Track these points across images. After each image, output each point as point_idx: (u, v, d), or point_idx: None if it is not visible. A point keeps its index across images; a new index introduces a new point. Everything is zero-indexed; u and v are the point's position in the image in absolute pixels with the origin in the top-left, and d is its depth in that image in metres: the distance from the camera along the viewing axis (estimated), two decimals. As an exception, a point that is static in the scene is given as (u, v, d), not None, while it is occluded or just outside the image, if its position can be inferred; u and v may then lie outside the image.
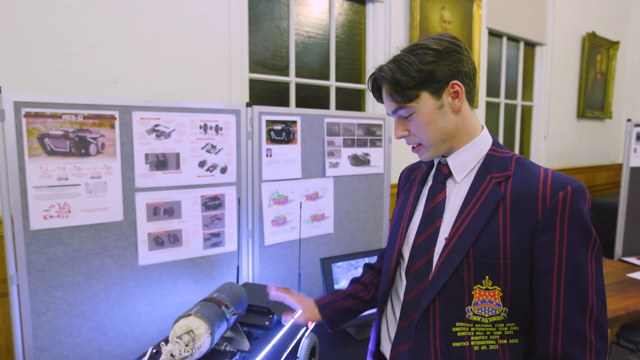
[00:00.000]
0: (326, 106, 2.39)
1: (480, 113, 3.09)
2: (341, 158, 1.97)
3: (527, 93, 3.67)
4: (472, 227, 0.77)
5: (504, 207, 0.76)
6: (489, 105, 3.27)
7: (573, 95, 3.93)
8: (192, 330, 0.92)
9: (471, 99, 0.85)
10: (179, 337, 0.90)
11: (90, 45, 1.55)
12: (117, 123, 1.36)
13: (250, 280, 1.73)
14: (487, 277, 0.75)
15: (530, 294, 0.75)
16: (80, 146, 1.31)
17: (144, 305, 1.47)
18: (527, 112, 3.70)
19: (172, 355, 0.90)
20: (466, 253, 0.76)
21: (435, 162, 0.91)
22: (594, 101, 4.14)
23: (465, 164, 0.83)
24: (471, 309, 0.76)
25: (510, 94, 3.52)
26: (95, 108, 1.32)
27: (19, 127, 1.21)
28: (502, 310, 0.75)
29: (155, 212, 1.46)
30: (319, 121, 1.87)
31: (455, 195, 0.83)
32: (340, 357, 1.46)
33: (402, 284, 0.87)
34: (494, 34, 3.23)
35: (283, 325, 1.23)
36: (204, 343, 0.93)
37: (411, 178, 0.99)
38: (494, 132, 3.33)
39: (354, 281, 1.11)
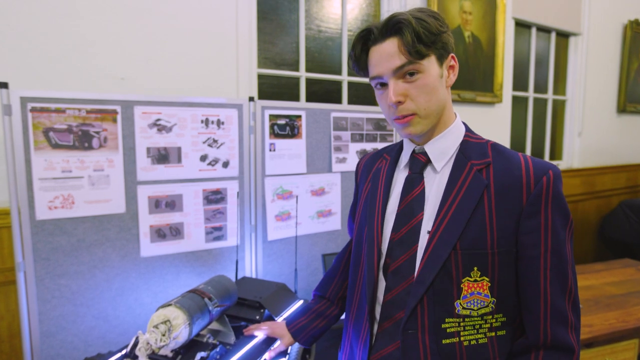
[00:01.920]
0: (338, 101, 2.35)
1: (505, 108, 2.94)
2: (349, 153, 1.93)
3: (560, 86, 3.46)
4: (457, 218, 0.73)
5: (488, 195, 0.74)
6: (515, 99, 3.11)
7: (612, 89, 3.66)
8: (169, 320, 0.92)
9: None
10: (156, 327, 0.91)
11: (100, 42, 1.61)
12: (119, 117, 1.40)
13: (254, 275, 1.73)
14: (475, 269, 0.73)
15: (515, 281, 0.75)
16: (83, 140, 1.35)
17: (146, 296, 1.51)
18: (559, 107, 3.49)
19: (148, 343, 0.90)
20: (454, 246, 0.73)
21: (407, 152, 0.85)
22: (638, 94, 3.84)
23: (444, 151, 0.80)
24: (460, 303, 0.73)
25: (540, 87, 3.33)
26: (97, 103, 1.36)
27: (25, 122, 1.27)
28: (491, 302, 0.74)
29: (157, 205, 1.49)
30: (325, 115, 1.85)
31: (436, 185, 0.79)
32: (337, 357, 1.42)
33: (379, 283, 0.82)
34: (521, 25, 3.07)
35: (274, 321, 1.21)
36: (181, 334, 0.93)
37: (374, 169, 0.92)
38: (521, 128, 3.18)
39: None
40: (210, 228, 1.61)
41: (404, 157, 0.85)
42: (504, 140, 2.99)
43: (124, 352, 1.02)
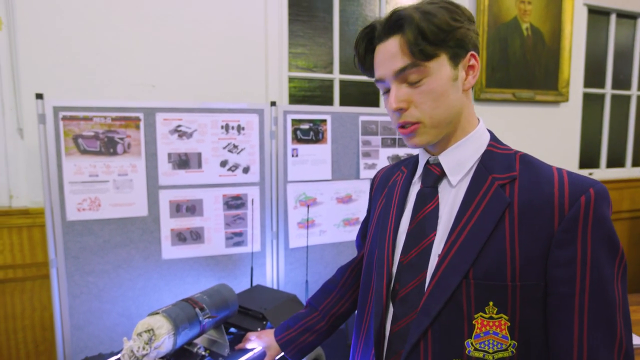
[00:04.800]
0: (375, 104, 2.25)
1: (573, 107, 2.60)
2: (379, 159, 1.83)
3: (648, 81, 2.98)
4: (471, 241, 0.63)
5: (510, 216, 0.62)
6: (587, 98, 2.73)
7: None
8: (152, 329, 0.92)
9: (475, 85, 0.72)
10: (139, 334, 0.91)
11: (131, 52, 1.69)
12: (141, 124, 1.46)
13: (275, 283, 1.71)
14: (491, 303, 0.61)
15: (545, 325, 0.62)
16: (109, 146, 1.43)
17: (167, 297, 1.55)
18: (647, 105, 3.01)
19: (132, 351, 0.91)
20: (465, 274, 0.62)
21: (422, 163, 0.76)
22: None
23: (461, 163, 0.69)
24: (472, 343, 0.62)
25: (621, 83, 2.90)
26: (122, 110, 1.43)
27: (57, 129, 1.37)
28: (510, 345, 0.61)
29: (177, 209, 1.53)
30: (352, 119, 1.76)
31: (451, 201, 0.69)
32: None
33: (388, 312, 0.73)
34: (595, 12, 2.69)
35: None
36: (164, 343, 0.92)
37: (389, 184, 0.84)
38: (596, 129, 2.80)
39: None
40: (230, 233, 1.61)
41: (419, 169, 0.76)
42: (572, 145, 2.64)
43: (119, 355, 1.04)
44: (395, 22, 0.65)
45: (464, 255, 0.63)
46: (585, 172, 2.74)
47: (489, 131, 0.73)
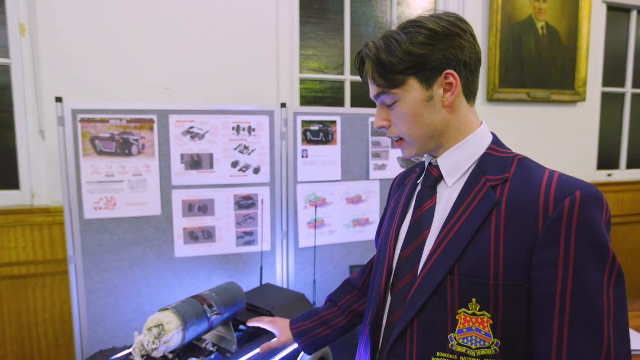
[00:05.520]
0: (387, 105, 2.24)
1: (591, 107, 2.54)
2: (389, 160, 1.83)
3: (671, 79, 2.88)
4: (458, 238, 0.65)
5: (497, 216, 0.63)
6: (606, 97, 2.67)
7: None
8: (162, 325, 0.95)
9: (470, 94, 0.73)
10: (149, 329, 0.94)
11: (146, 56, 1.74)
12: (155, 126, 1.50)
13: (284, 282, 1.73)
14: (474, 300, 0.63)
15: (528, 326, 0.62)
16: (124, 147, 1.47)
17: (180, 294, 1.59)
18: (670, 104, 2.91)
19: (142, 345, 0.94)
20: (450, 269, 0.64)
21: (426, 164, 0.79)
22: None
23: (458, 165, 0.72)
24: (455, 337, 0.64)
25: (643, 81, 2.82)
26: (136, 113, 1.48)
27: (75, 131, 1.43)
28: (493, 343, 0.62)
29: (190, 208, 1.57)
30: (362, 121, 1.77)
31: (446, 201, 0.71)
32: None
33: (386, 303, 0.77)
34: (615, 9, 2.62)
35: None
36: (173, 338, 0.95)
37: (404, 184, 0.88)
38: (616, 129, 2.73)
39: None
40: (241, 233, 1.64)
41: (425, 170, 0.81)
42: (590, 145, 2.58)
43: (131, 349, 1.08)
44: (363, 56, 0.73)
45: (450, 251, 0.65)
46: (603, 173, 2.68)
47: (493, 134, 0.74)
